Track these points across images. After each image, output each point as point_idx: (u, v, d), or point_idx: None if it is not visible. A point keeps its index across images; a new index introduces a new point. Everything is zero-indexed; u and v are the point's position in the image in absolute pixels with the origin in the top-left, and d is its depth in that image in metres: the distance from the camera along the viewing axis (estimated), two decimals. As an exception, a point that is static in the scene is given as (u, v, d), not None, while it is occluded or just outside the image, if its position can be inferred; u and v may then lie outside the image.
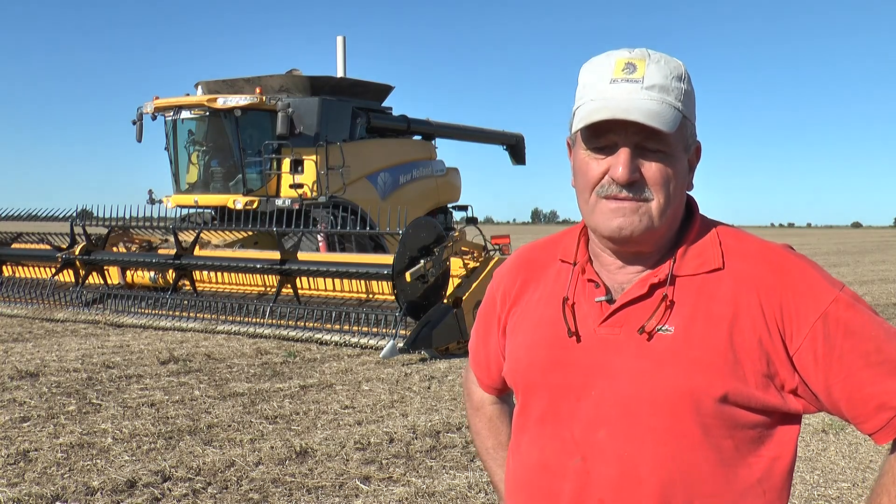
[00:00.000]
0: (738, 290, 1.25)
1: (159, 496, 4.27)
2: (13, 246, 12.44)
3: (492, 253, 10.87)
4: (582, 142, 1.29)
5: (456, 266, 9.12)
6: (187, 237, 10.84)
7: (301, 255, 9.83)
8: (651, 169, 1.25)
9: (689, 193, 1.36)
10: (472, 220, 14.81)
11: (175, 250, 10.49)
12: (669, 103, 1.24)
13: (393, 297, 8.80)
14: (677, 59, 1.30)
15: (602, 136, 1.26)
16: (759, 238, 1.33)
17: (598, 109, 1.24)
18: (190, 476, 4.57)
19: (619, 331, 1.28)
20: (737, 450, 1.24)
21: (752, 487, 1.24)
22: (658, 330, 1.26)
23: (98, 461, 4.80)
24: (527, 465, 1.35)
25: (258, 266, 9.93)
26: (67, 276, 11.52)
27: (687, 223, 1.34)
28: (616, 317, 1.29)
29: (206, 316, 10.04)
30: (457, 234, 9.67)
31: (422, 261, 8.53)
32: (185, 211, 13.21)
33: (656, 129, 1.22)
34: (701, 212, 1.37)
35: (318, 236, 11.07)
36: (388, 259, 9.02)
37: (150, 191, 13.04)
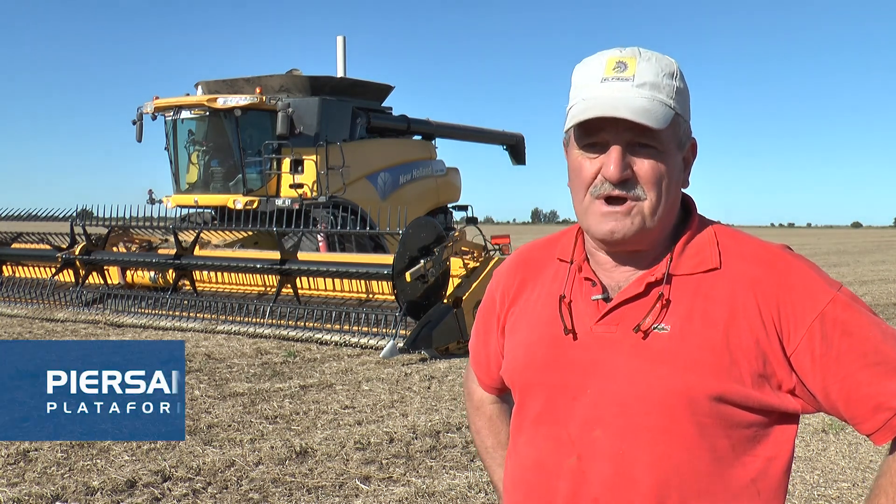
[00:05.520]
0: (735, 290, 1.25)
1: (159, 496, 4.28)
2: (13, 246, 12.43)
3: (492, 253, 10.86)
4: (575, 141, 1.30)
5: (456, 266, 9.12)
6: (187, 237, 10.84)
7: (301, 255, 9.83)
8: (643, 167, 1.25)
9: (687, 193, 1.36)
10: (472, 220, 14.79)
11: (175, 250, 10.50)
12: (660, 100, 1.25)
13: (393, 297, 8.80)
14: (670, 57, 1.30)
15: (594, 134, 1.26)
16: (757, 238, 1.33)
17: (588, 108, 1.24)
18: (190, 476, 4.57)
19: (616, 329, 1.28)
20: (732, 449, 1.23)
21: (747, 487, 1.24)
22: (654, 329, 1.25)
23: (98, 461, 4.80)
24: (523, 465, 1.35)
25: (258, 266, 9.93)
26: (67, 276, 11.51)
27: (684, 222, 1.34)
28: (612, 315, 1.29)
29: (206, 316, 10.03)
30: (457, 234, 9.66)
31: (422, 261, 8.53)
32: (185, 211, 13.21)
33: (647, 127, 1.22)
34: (699, 211, 1.37)
35: (318, 236, 11.07)
36: (388, 259, 9.02)
37: (150, 191, 13.05)
